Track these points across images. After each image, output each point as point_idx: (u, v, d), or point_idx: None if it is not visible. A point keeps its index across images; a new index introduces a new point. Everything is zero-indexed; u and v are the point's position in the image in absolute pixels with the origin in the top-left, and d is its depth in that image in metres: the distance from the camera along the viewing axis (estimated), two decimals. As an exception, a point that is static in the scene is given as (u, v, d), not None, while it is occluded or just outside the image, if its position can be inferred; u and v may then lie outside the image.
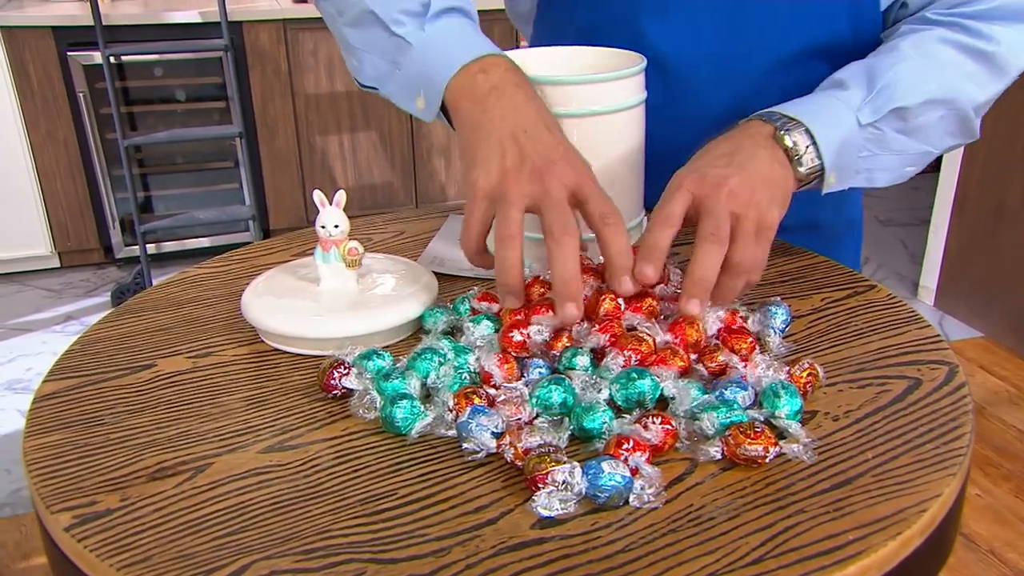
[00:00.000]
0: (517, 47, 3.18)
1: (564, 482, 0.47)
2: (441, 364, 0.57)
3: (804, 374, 0.55)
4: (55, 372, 0.61)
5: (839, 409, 0.55)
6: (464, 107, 0.64)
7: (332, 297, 0.66)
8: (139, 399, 0.58)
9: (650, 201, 0.80)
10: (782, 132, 0.65)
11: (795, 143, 0.65)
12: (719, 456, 0.50)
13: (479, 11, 0.73)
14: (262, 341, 0.65)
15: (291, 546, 0.44)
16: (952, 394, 0.56)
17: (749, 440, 0.49)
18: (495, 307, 0.65)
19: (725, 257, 0.58)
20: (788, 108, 0.68)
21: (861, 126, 0.69)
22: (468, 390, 0.54)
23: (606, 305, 0.60)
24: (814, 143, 0.65)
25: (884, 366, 0.60)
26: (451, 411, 0.54)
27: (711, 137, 0.84)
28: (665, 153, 0.79)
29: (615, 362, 0.55)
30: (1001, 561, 1.66)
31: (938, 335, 0.64)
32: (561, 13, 0.88)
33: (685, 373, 0.56)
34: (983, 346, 2.46)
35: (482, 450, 0.51)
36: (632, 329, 0.58)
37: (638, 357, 0.56)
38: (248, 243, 3.22)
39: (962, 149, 2.51)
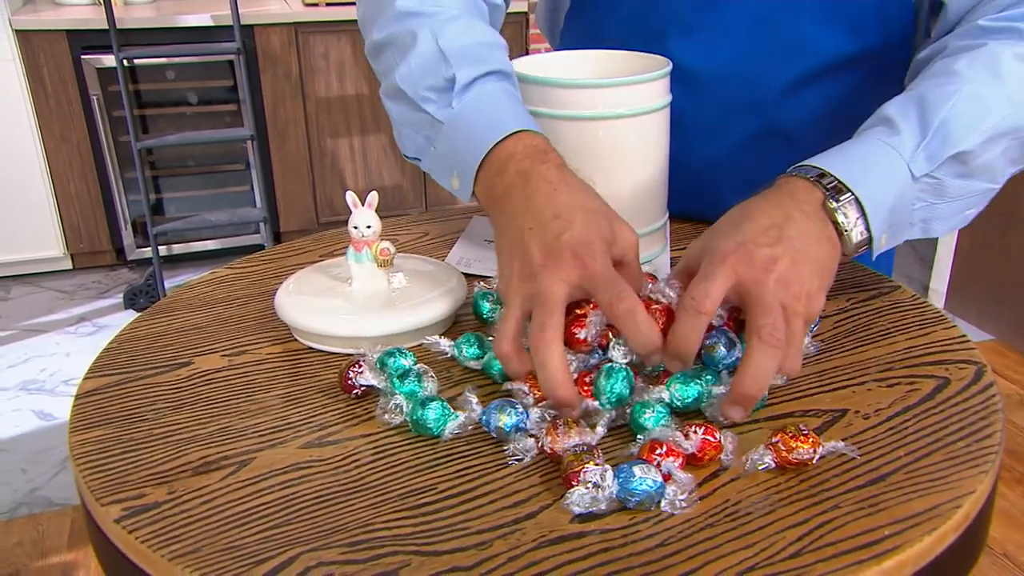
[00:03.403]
0: (526, 51, 3.19)
1: (595, 484, 0.48)
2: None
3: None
4: (95, 369, 0.62)
5: (869, 408, 0.56)
6: (487, 209, 0.63)
7: (364, 296, 0.67)
8: (178, 396, 0.59)
9: (674, 207, 0.81)
10: (832, 204, 0.58)
11: (845, 217, 0.58)
12: (773, 465, 0.50)
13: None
14: (295, 340, 0.66)
15: (336, 538, 0.45)
16: (981, 393, 0.57)
17: (798, 443, 0.49)
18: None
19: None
20: (836, 166, 0.60)
21: (915, 179, 0.61)
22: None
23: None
24: (863, 215, 0.59)
25: (912, 365, 0.61)
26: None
27: (734, 152, 0.83)
28: (691, 167, 0.80)
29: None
30: (1015, 564, 1.66)
31: (964, 335, 0.64)
32: (589, 25, 0.89)
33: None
34: (994, 349, 2.46)
35: (525, 456, 0.51)
36: None
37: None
38: (259, 245, 3.22)
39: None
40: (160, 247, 2.83)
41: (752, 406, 0.53)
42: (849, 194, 0.59)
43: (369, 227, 0.66)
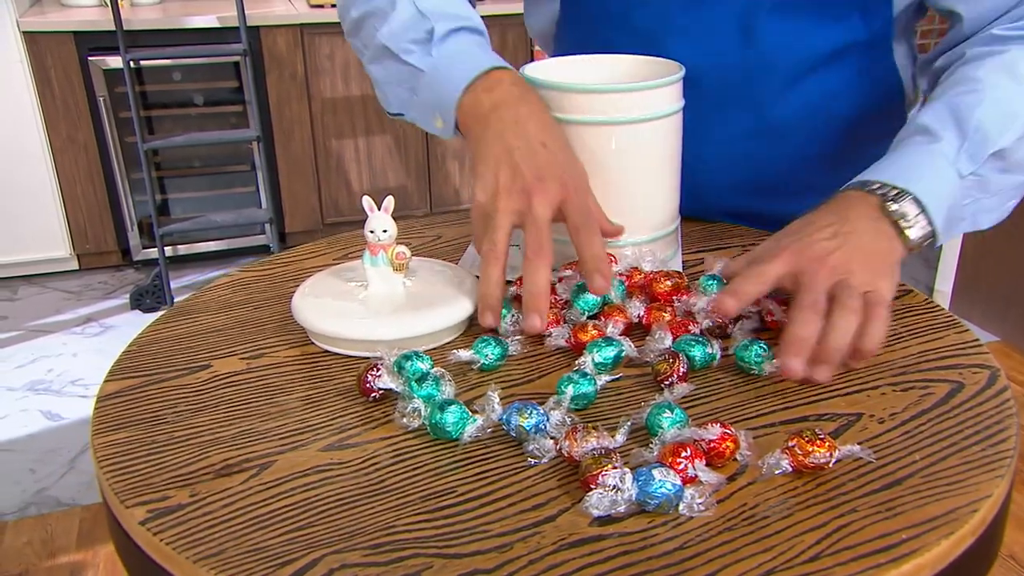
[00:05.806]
0: (532, 57, 3.20)
1: (614, 486, 0.48)
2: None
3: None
4: (115, 372, 0.63)
5: (884, 412, 0.56)
6: (469, 126, 0.69)
7: (380, 300, 0.67)
8: (199, 399, 0.59)
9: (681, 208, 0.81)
10: (889, 203, 0.64)
11: (904, 213, 0.64)
12: (790, 469, 0.50)
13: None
14: (312, 343, 0.66)
15: (358, 541, 0.46)
16: (995, 397, 0.58)
17: (815, 447, 0.49)
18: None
19: (824, 327, 0.58)
20: (887, 174, 0.66)
21: (962, 177, 0.67)
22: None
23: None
24: (923, 210, 0.64)
25: (926, 370, 0.61)
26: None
27: (728, 150, 0.85)
28: (686, 164, 0.80)
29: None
30: (1021, 566, 1.67)
31: (977, 339, 0.65)
32: (585, 30, 0.89)
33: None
34: (1000, 350, 2.46)
35: (543, 456, 0.52)
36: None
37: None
38: (264, 246, 3.21)
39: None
40: (166, 248, 2.83)
41: (802, 355, 0.58)
42: (906, 195, 0.64)
43: (385, 231, 0.67)
